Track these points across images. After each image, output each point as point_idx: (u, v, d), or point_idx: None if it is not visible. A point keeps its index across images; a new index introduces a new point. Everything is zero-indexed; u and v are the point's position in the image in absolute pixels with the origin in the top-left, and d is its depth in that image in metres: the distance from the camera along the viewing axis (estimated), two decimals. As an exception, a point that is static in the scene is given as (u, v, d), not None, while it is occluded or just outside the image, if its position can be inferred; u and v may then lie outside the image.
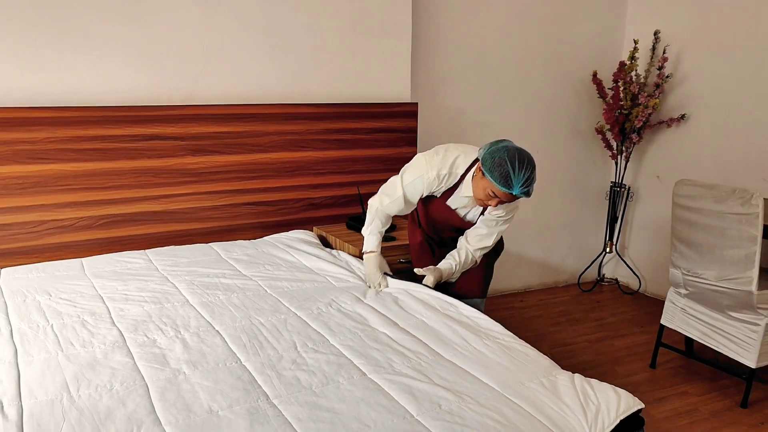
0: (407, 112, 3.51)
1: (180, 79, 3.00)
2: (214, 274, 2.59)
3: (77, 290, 2.38)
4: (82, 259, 2.76)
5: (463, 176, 2.47)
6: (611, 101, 4.05)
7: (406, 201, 2.54)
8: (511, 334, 2.04)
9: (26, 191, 2.72)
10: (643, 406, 1.63)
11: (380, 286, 2.48)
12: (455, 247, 2.69)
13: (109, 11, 2.81)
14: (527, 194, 2.27)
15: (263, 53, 3.16)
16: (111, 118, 2.83)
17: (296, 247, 2.97)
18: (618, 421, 1.56)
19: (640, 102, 3.95)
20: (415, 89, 3.67)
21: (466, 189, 2.47)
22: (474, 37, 3.83)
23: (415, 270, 2.57)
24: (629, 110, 4.02)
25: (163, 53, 2.95)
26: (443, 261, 2.64)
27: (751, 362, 2.87)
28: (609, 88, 4.09)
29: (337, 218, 3.42)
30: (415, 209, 2.71)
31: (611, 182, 4.40)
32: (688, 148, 4.02)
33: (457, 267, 2.61)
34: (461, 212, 2.59)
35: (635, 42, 3.96)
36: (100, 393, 1.64)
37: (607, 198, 4.46)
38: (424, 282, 2.52)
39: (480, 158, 2.32)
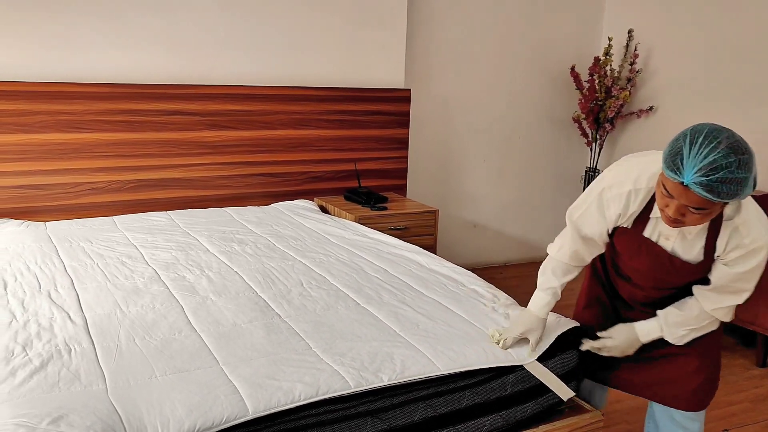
0: (401, 97, 3.91)
1: (200, 61, 3.39)
2: (229, 231, 2.99)
3: (113, 239, 2.78)
4: (113, 216, 3.16)
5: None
6: (587, 93, 4.45)
7: (584, 239, 1.89)
8: (489, 284, 2.44)
9: (66, 156, 3.11)
10: (578, 324, 2.05)
11: (500, 341, 1.92)
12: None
13: (140, 2, 3.19)
14: (712, 190, 1.43)
15: (273, 41, 3.55)
16: (139, 94, 3.22)
17: (300, 213, 3.37)
18: (555, 337, 1.98)
19: (613, 94, 4.36)
20: (409, 77, 4.06)
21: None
22: (463, 31, 4.23)
23: (585, 345, 1.95)
24: (603, 101, 4.42)
25: (186, 39, 3.33)
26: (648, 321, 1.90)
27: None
28: (585, 81, 4.49)
29: (336, 191, 3.82)
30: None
31: (586, 167, 4.81)
32: (656, 136, 4.43)
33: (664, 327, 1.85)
34: (664, 245, 1.77)
35: (609, 39, 4.36)
36: (145, 310, 2.04)
37: (582, 182, 4.86)
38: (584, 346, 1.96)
39: None
